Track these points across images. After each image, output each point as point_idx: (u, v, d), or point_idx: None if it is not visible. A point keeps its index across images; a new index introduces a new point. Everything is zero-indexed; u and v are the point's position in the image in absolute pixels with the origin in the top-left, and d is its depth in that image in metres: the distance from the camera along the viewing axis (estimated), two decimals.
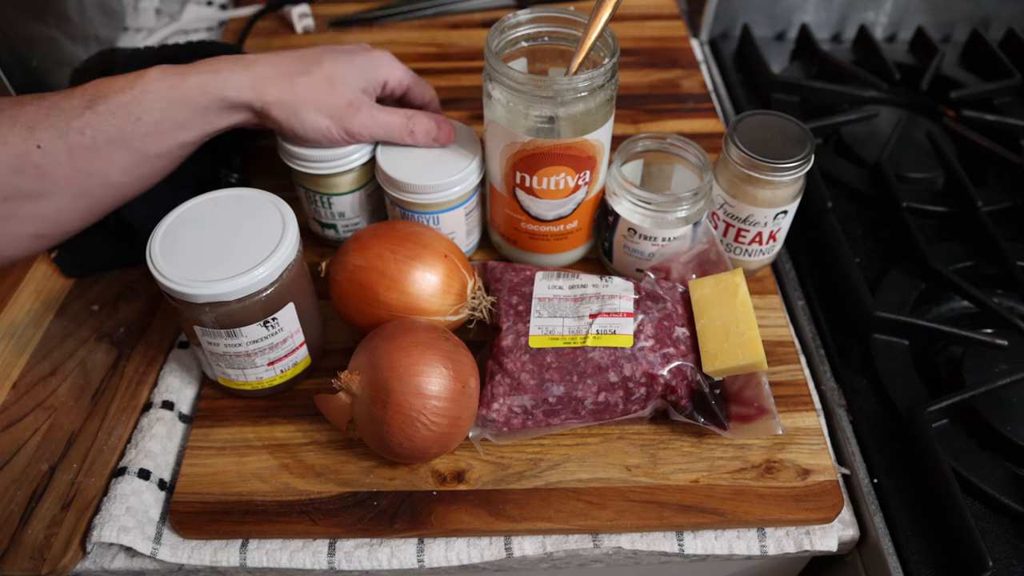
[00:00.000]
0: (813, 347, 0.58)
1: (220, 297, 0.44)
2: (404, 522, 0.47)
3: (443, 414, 0.45)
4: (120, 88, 0.47)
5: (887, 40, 0.92)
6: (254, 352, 0.48)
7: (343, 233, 0.61)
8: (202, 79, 0.49)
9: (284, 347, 0.49)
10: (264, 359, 0.49)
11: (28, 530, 0.46)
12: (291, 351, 0.50)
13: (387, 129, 0.54)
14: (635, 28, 0.88)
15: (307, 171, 0.55)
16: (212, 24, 0.90)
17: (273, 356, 0.49)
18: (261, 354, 0.48)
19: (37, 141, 0.46)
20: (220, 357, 0.48)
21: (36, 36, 0.70)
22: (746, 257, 0.59)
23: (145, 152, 0.49)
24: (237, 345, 0.47)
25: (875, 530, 0.48)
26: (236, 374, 0.50)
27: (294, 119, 0.51)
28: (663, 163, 0.60)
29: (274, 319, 0.47)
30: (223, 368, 0.49)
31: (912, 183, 0.71)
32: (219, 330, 0.46)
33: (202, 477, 0.49)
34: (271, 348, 0.48)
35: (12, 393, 0.53)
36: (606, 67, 0.49)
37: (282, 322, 0.48)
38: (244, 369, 0.49)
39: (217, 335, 0.46)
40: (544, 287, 0.53)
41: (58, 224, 0.50)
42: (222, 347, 0.47)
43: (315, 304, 0.52)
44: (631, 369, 0.48)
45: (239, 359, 0.48)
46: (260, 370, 0.50)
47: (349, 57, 0.54)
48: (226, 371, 0.50)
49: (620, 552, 0.48)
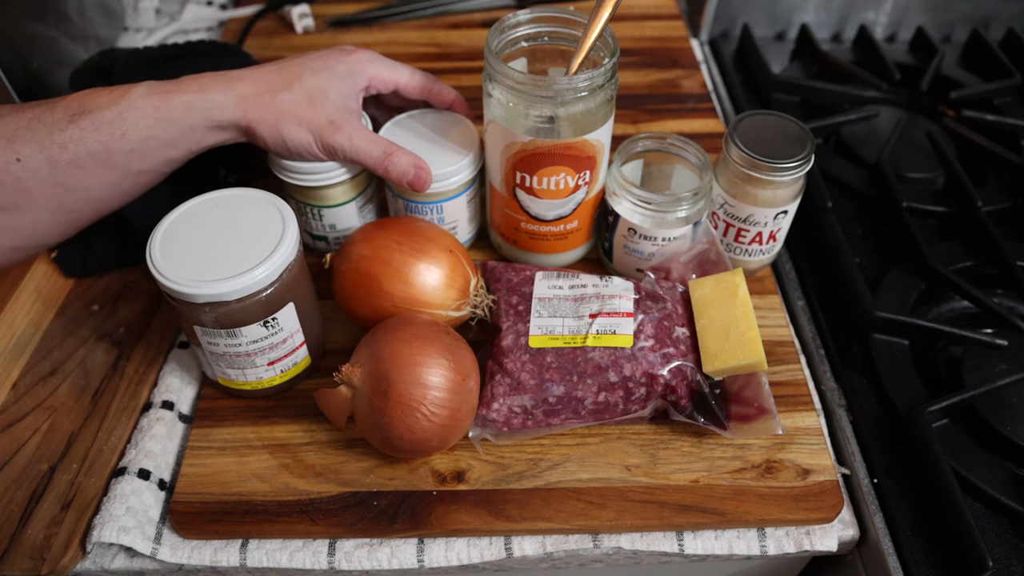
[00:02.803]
0: (813, 347, 0.58)
1: (220, 297, 0.44)
2: (404, 522, 0.47)
3: (443, 405, 0.45)
4: (105, 103, 0.47)
5: (887, 40, 0.92)
6: (254, 352, 0.48)
7: (334, 245, 0.60)
8: (188, 98, 0.48)
9: (284, 347, 0.49)
10: (264, 359, 0.49)
11: (28, 530, 0.46)
12: (291, 351, 0.50)
13: (362, 157, 0.52)
14: (635, 28, 0.88)
15: (297, 183, 0.55)
16: (212, 24, 0.90)
17: (273, 356, 0.49)
18: (261, 354, 0.48)
19: (17, 154, 0.45)
20: (220, 357, 0.48)
21: (36, 36, 0.70)
22: (746, 257, 0.59)
23: (129, 168, 0.48)
24: (237, 345, 0.47)
25: (875, 530, 0.48)
26: (236, 374, 0.50)
27: (278, 135, 0.51)
28: (663, 163, 0.60)
29: (274, 319, 0.47)
30: (223, 368, 0.49)
31: (912, 183, 0.71)
32: (219, 330, 0.46)
33: (202, 477, 0.49)
34: (271, 348, 0.48)
35: (12, 393, 0.53)
36: (606, 67, 0.49)
37: (282, 322, 0.48)
38: (244, 369, 0.49)
39: (217, 335, 0.46)
40: (544, 287, 0.53)
41: (35, 237, 0.49)
42: (222, 347, 0.47)
43: (315, 304, 0.52)
44: (631, 369, 0.48)
45: (239, 359, 0.48)
46: (260, 370, 0.50)
47: (329, 69, 0.52)
48: (226, 371, 0.50)
49: (620, 552, 0.48)
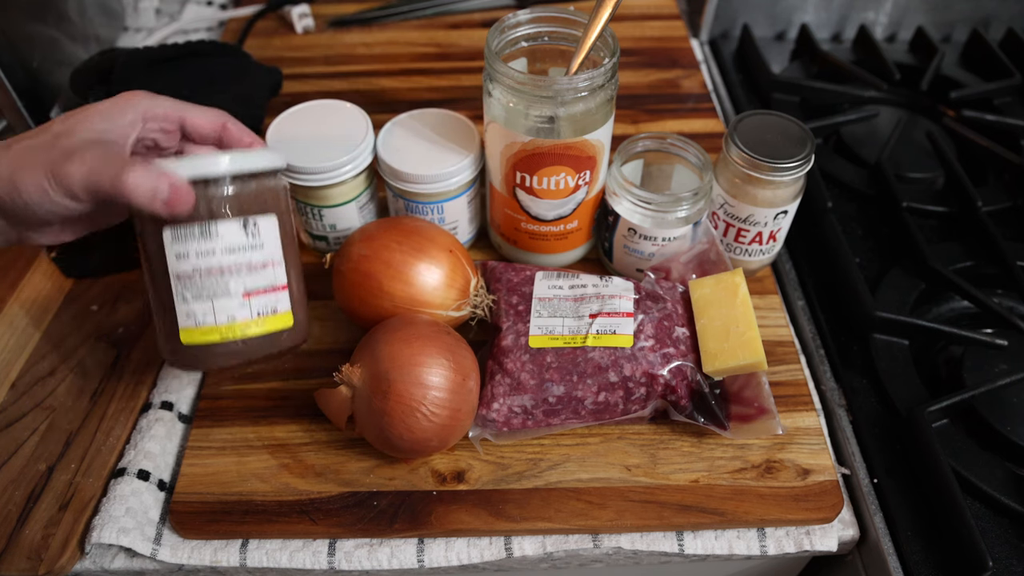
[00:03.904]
0: (813, 347, 0.58)
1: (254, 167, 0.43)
2: (404, 522, 0.47)
3: (443, 405, 0.45)
4: None
5: (887, 40, 0.92)
6: (228, 268, 0.43)
7: (334, 246, 0.60)
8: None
9: (263, 275, 0.44)
10: (239, 284, 0.43)
11: (25, 530, 0.46)
12: (271, 287, 0.44)
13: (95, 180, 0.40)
14: (635, 28, 0.88)
15: (298, 183, 0.55)
16: (212, 24, 0.90)
17: (251, 284, 0.43)
18: (236, 274, 0.43)
19: None
20: (188, 280, 0.42)
21: (36, 36, 0.70)
22: (746, 257, 0.59)
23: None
24: (210, 253, 0.42)
25: (875, 530, 0.48)
26: (204, 311, 0.43)
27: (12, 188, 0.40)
28: (663, 163, 0.60)
29: (255, 224, 0.43)
30: (189, 304, 0.43)
31: (912, 183, 0.71)
32: (192, 226, 0.42)
33: (202, 477, 0.49)
34: (248, 269, 0.43)
35: (11, 393, 0.53)
36: (606, 67, 0.49)
37: (263, 234, 0.43)
38: (214, 299, 0.43)
39: (189, 237, 0.42)
40: (544, 287, 0.53)
41: None
42: (192, 258, 0.42)
43: (298, 262, 0.47)
44: (631, 369, 0.48)
45: (210, 279, 0.42)
46: (234, 303, 0.43)
47: (85, 109, 0.44)
48: (192, 308, 0.43)
49: (620, 552, 0.48)
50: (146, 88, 0.48)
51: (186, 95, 0.69)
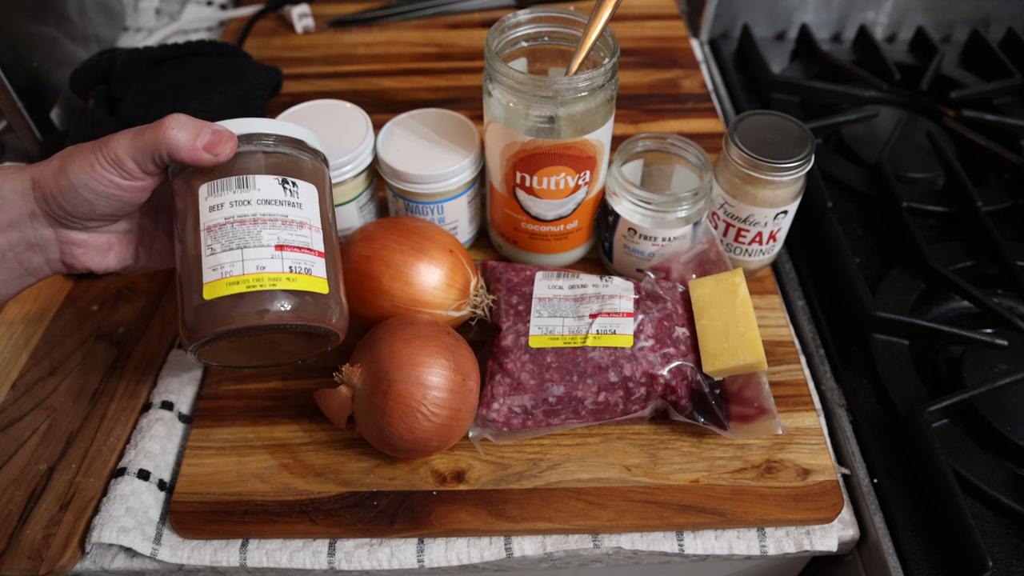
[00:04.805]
0: (813, 347, 0.58)
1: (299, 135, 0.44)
2: (404, 522, 0.47)
3: (443, 405, 0.45)
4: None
5: (887, 40, 0.92)
6: (263, 217, 0.41)
7: None
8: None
9: (299, 233, 0.42)
10: (272, 235, 0.41)
11: (26, 530, 0.46)
12: (306, 245, 0.42)
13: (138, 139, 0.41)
14: (635, 28, 0.88)
15: None
16: (212, 24, 0.90)
17: (284, 236, 0.41)
18: (271, 225, 0.41)
19: None
20: (218, 231, 0.41)
21: (36, 36, 0.70)
22: (746, 257, 0.59)
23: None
24: (245, 203, 0.41)
25: (875, 530, 0.48)
26: (232, 260, 0.40)
27: (59, 172, 0.41)
28: (663, 163, 0.60)
29: (294, 184, 0.42)
30: (217, 256, 0.40)
31: (912, 183, 0.71)
32: (230, 178, 0.41)
33: (202, 477, 0.49)
34: (284, 223, 0.41)
35: (11, 393, 0.53)
36: (606, 67, 0.49)
37: (302, 195, 0.42)
38: (244, 248, 0.40)
39: (225, 189, 0.41)
40: (544, 287, 0.53)
41: None
42: (226, 208, 0.41)
43: (338, 256, 0.46)
44: (631, 369, 0.48)
45: (242, 228, 0.41)
46: (265, 253, 0.41)
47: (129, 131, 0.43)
48: (220, 260, 0.40)
49: (620, 552, 0.48)
50: (146, 88, 0.48)
51: (186, 95, 0.69)
